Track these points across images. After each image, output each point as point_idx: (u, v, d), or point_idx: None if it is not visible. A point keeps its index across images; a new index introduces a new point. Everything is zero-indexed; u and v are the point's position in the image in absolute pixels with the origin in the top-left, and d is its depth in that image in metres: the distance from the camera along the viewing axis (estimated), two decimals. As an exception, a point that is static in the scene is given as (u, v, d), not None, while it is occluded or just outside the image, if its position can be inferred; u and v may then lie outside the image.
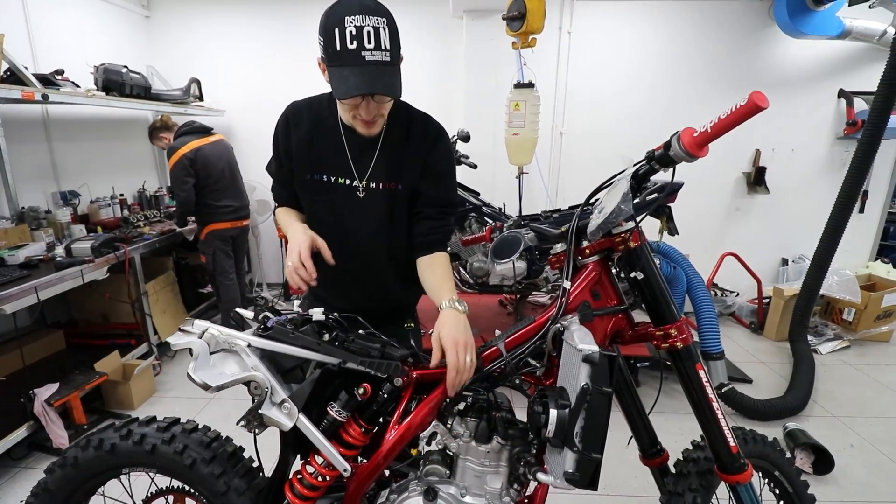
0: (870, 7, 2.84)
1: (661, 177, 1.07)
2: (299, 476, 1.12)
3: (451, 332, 1.00)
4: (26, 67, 2.51)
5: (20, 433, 2.13)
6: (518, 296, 3.32)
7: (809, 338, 3.36)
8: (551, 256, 1.18)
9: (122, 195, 3.49)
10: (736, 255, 3.80)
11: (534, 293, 3.33)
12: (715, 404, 1.03)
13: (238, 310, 1.23)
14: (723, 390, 2.66)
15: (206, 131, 3.08)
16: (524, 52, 2.72)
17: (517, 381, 1.07)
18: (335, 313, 1.16)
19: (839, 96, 3.89)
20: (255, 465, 1.19)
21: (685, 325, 1.03)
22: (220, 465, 1.12)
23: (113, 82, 2.88)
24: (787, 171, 4.10)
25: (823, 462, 2.18)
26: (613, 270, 1.12)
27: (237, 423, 1.04)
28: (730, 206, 4.24)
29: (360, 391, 1.05)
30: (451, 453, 1.12)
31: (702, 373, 1.03)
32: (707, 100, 3.96)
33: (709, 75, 3.93)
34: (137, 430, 1.15)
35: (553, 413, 0.92)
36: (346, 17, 0.96)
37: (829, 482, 2.15)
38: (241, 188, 3.39)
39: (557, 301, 1.07)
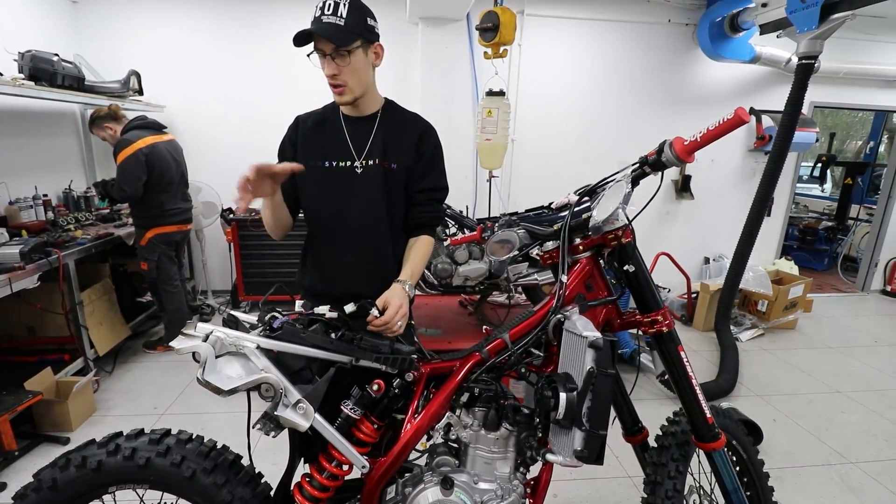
0: (777, 37, 3.28)
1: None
2: (308, 478, 1.11)
3: (397, 299, 1.21)
4: (-66, 51, 2.21)
5: (-62, 465, 1.87)
6: (479, 296, 3.42)
7: (731, 327, 3.78)
8: (543, 253, 1.27)
9: (45, 196, 3.15)
10: (668, 255, 4.18)
11: (494, 293, 3.44)
12: (694, 381, 1.17)
13: (232, 311, 1.20)
14: (666, 377, 2.92)
15: (159, 128, 2.88)
16: (496, 62, 2.83)
17: (522, 371, 1.14)
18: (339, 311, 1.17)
19: (750, 113, 4.42)
20: (257, 471, 1.16)
21: (668, 311, 1.15)
22: (223, 474, 1.08)
23: (42, 71, 2.60)
24: (708, 180, 4.58)
25: (754, 436, 2.47)
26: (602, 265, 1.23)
27: (253, 427, 1.02)
28: (661, 211, 4.66)
29: (374, 388, 1.07)
30: (458, 443, 1.17)
31: (683, 354, 1.16)
32: (636, 114, 4.34)
33: (639, 92, 4.31)
34: (126, 445, 1.08)
35: (563, 396, 1.00)
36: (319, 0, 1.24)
37: (759, 454, 2.44)
38: (188, 191, 3.23)
39: (556, 294, 1.15)
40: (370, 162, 1.37)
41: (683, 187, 4.56)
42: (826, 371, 3.36)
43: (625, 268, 1.13)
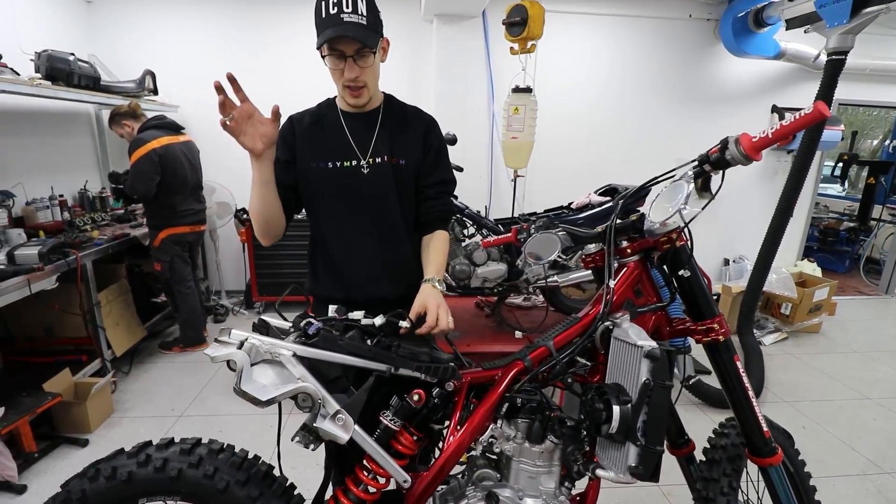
0: (805, 32, 3.18)
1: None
2: (344, 491, 1.06)
3: (433, 300, 1.18)
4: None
5: (-42, 469, 1.84)
6: (496, 298, 3.36)
7: (754, 331, 3.68)
8: (585, 256, 1.21)
9: (61, 196, 3.13)
10: (689, 256, 4.09)
11: (512, 295, 3.38)
12: (750, 393, 1.10)
13: (263, 317, 1.15)
14: (691, 382, 2.85)
15: (176, 129, 2.86)
16: (522, 58, 2.77)
17: (569, 381, 1.08)
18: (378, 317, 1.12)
19: (772, 111, 4.32)
20: (289, 483, 1.12)
21: (723, 319, 1.09)
22: (256, 486, 1.04)
23: (59, 71, 2.58)
24: (728, 180, 4.45)
25: (785, 443, 2.40)
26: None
27: (292, 440, 0.97)
28: (679, 211, 4.56)
29: (415, 398, 1.02)
30: (500, 456, 1.11)
31: (738, 364, 1.10)
32: (655, 112, 4.26)
33: (658, 89, 4.23)
34: (157, 455, 1.03)
35: (616, 409, 0.95)
36: None
37: (805, 466, 2.37)
38: (201, 192, 3.21)
39: (602, 300, 1.10)
40: (378, 160, 1.31)
41: (703, 186, 4.45)
42: (854, 376, 3.26)
43: (679, 273, 1.07)
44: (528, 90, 2.75)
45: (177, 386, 2.87)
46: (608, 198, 3.02)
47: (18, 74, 2.43)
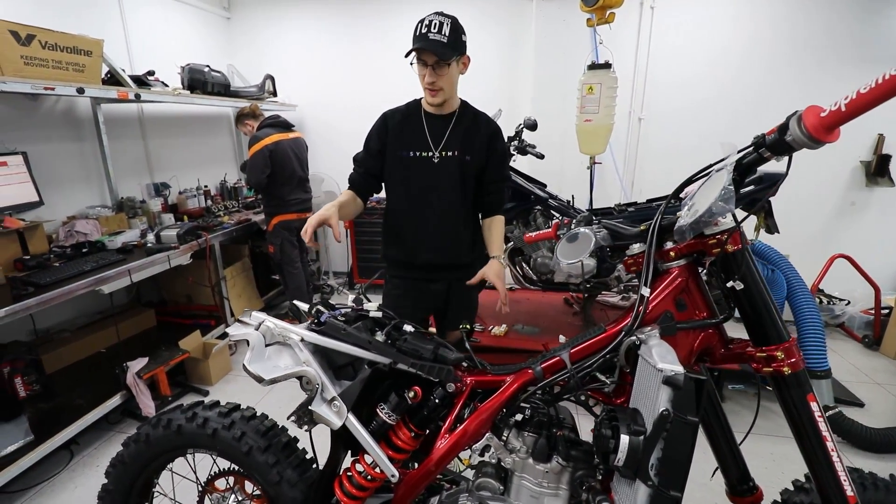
0: None
1: (765, 166, 0.90)
2: (349, 474, 1.09)
3: (492, 271, 1.59)
4: (123, 70, 2.73)
5: (115, 400, 2.35)
6: (586, 295, 3.12)
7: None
8: (627, 258, 1.05)
9: (205, 186, 3.74)
10: (849, 258, 3.29)
11: (603, 293, 3.12)
12: (829, 444, 0.85)
13: (295, 302, 1.23)
14: (828, 413, 2.31)
15: (287, 127, 3.19)
16: (600, 30, 2.49)
17: (582, 398, 0.95)
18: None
19: None
20: (309, 456, 1.19)
21: (794, 347, 0.85)
22: (275, 454, 1.13)
23: (197, 81, 3.07)
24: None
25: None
26: (703, 277, 0.97)
27: (287, 418, 1.03)
28: (843, 201, 3.69)
29: (411, 394, 1.00)
30: (507, 467, 1.03)
31: (814, 405, 0.85)
32: (811, 79, 3.45)
33: (815, 50, 3.40)
34: (202, 414, 1.18)
35: (624, 439, 0.81)
36: (425, 18, 1.47)
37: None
38: (308, 183, 3.53)
39: (634, 310, 0.94)
40: (449, 153, 1.61)
41: (879, 171, 3.53)
42: None
43: (729, 284, 0.86)
44: (607, 66, 2.43)
45: (282, 353, 3.26)
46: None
47: (167, 86, 2.94)
